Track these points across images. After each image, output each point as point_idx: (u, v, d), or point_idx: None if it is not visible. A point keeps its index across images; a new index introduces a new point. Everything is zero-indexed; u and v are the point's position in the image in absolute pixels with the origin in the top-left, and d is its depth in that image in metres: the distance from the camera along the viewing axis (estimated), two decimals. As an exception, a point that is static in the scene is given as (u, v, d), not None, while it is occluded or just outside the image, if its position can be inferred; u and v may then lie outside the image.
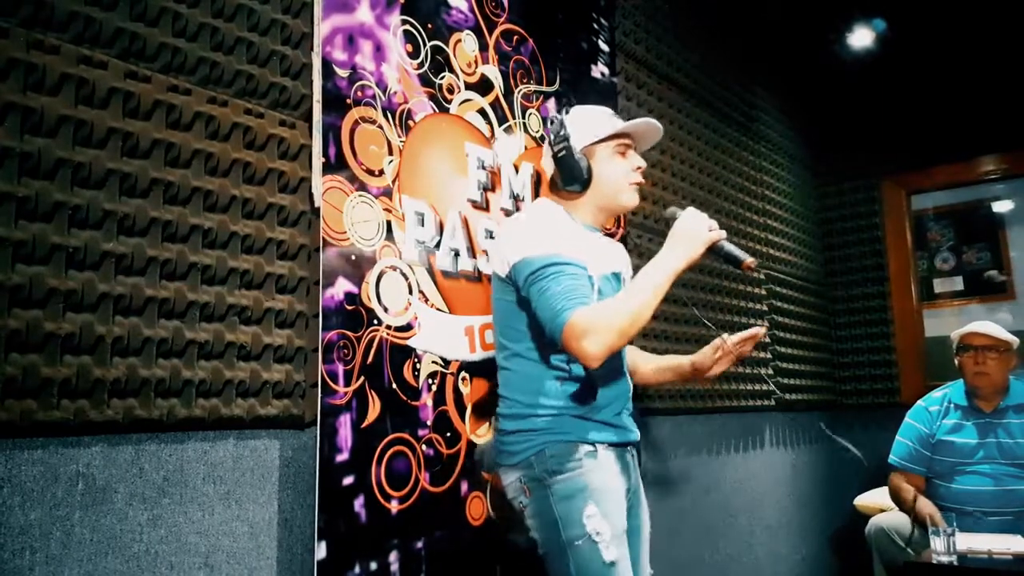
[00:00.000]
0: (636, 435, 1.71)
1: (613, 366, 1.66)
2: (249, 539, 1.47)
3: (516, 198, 2.12)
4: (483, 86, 2.07)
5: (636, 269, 1.87)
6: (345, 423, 1.58)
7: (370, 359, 1.65)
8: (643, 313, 1.49)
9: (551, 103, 2.30)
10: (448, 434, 1.82)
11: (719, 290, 3.09)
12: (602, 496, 1.55)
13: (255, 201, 1.51)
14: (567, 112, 1.72)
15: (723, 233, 1.59)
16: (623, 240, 2.46)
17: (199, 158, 1.43)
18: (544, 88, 2.28)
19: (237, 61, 1.51)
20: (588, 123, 1.70)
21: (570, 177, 1.68)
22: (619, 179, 1.70)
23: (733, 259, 1.60)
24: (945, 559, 2.20)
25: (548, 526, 1.56)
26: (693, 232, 1.56)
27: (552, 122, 1.72)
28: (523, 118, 2.19)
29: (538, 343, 1.62)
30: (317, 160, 1.61)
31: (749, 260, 1.59)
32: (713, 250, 1.58)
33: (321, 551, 1.51)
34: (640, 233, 2.63)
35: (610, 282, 1.70)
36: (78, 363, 1.23)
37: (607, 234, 1.87)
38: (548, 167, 1.74)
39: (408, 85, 1.85)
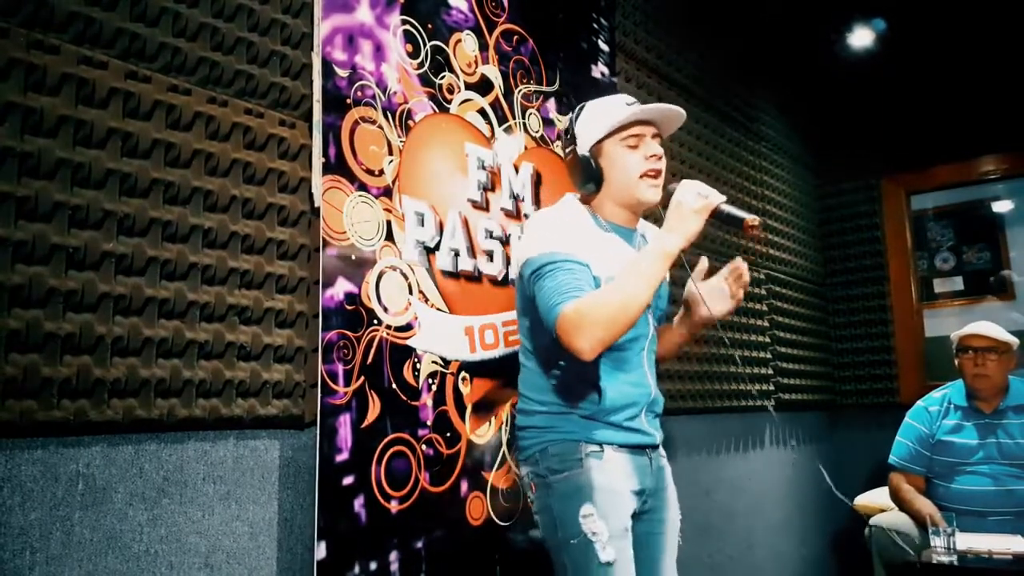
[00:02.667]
0: (655, 438, 1.67)
1: (628, 370, 1.64)
2: (249, 539, 1.47)
3: (516, 198, 2.12)
4: (483, 86, 2.07)
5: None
6: (345, 423, 1.58)
7: (370, 359, 1.65)
8: (631, 303, 1.44)
9: (551, 103, 2.30)
10: (448, 434, 1.82)
11: (719, 290, 3.08)
12: (602, 496, 1.53)
13: (255, 201, 1.51)
14: (580, 110, 1.67)
15: (721, 197, 1.53)
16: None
17: (199, 158, 1.43)
18: (544, 88, 2.28)
19: (237, 61, 1.51)
20: (595, 119, 1.64)
21: (581, 180, 1.65)
22: (628, 174, 1.61)
23: (735, 220, 1.52)
24: (945, 559, 2.20)
25: (548, 523, 1.59)
26: (685, 206, 1.50)
27: (567, 121, 1.69)
28: (523, 118, 2.19)
29: (543, 341, 1.61)
30: (317, 160, 1.61)
31: (750, 218, 1.51)
32: (715, 216, 1.52)
33: (321, 551, 1.51)
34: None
35: None
36: (78, 363, 1.23)
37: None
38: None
39: (408, 85, 1.85)
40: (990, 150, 3.90)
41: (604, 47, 2.57)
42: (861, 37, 3.83)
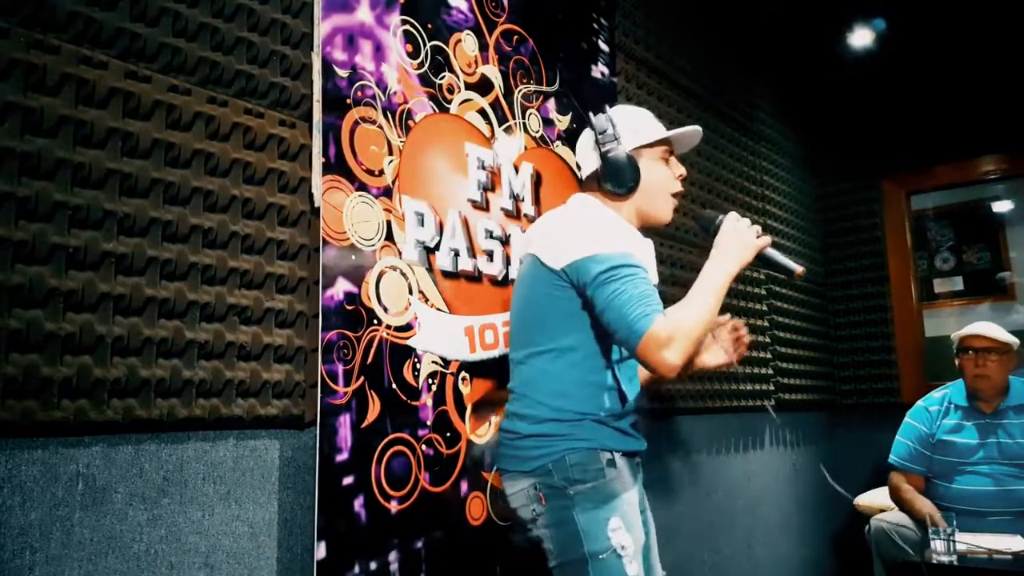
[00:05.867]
0: (644, 444, 1.66)
1: (633, 374, 1.65)
2: (249, 539, 1.47)
3: (516, 198, 2.12)
4: (483, 86, 2.07)
5: (662, 277, 1.88)
6: (345, 423, 1.59)
7: (370, 359, 1.66)
8: (712, 320, 1.48)
9: (551, 103, 2.30)
10: (448, 434, 1.82)
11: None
12: (626, 508, 1.50)
13: (255, 201, 1.51)
14: (611, 109, 1.68)
15: (769, 239, 1.61)
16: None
17: (199, 158, 1.43)
18: (544, 88, 2.28)
19: (237, 61, 1.51)
20: (637, 124, 1.65)
21: (618, 179, 1.62)
22: (662, 187, 1.66)
23: (782, 268, 1.63)
24: (945, 559, 2.20)
25: (568, 537, 1.47)
26: (744, 238, 1.57)
27: (599, 117, 1.66)
28: (523, 118, 2.19)
29: (586, 344, 1.56)
30: (317, 160, 1.61)
31: (800, 269, 1.61)
32: (760, 257, 1.60)
33: (321, 551, 1.51)
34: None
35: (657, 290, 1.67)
36: (78, 363, 1.23)
37: None
38: (590, 163, 1.69)
39: (408, 85, 1.85)
40: (990, 150, 3.90)
41: (604, 47, 2.57)
42: (861, 37, 3.83)
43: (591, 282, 1.47)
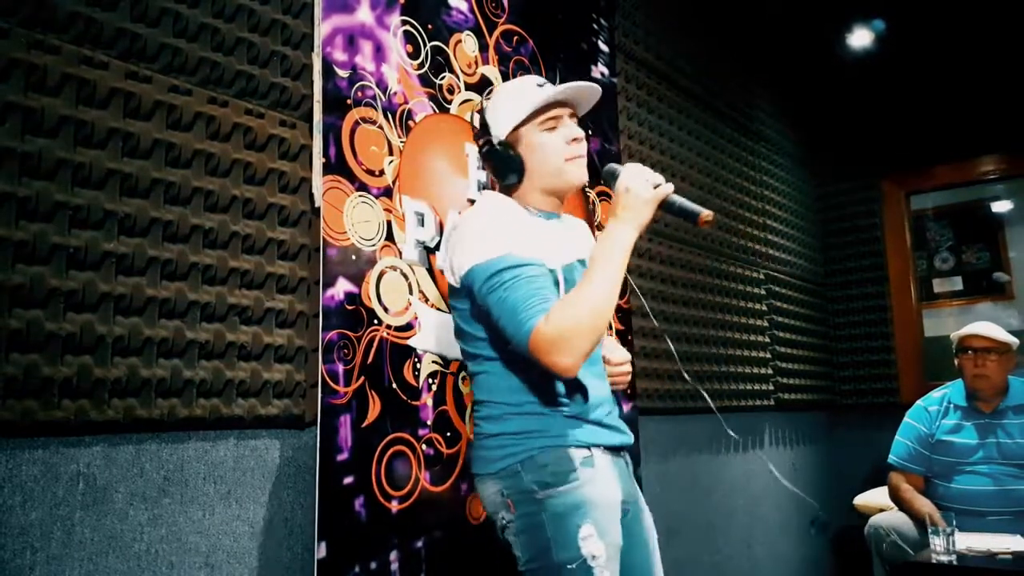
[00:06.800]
0: (631, 438, 1.54)
1: (594, 363, 1.52)
2: (249, 539, 1.47)
3: (516, 198, 2.12)
4: (483, 86, 2.07)
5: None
6: (345, 423, 1.59)
7: (370, 359, 1.66)
8: (605, 306, 1.34)
9: (551, 103, 2.30)
10: (448, 434, 1.82)
11: (718, 290, 3.09)
12: (600, 513, 1.39)
13: (255, 201, 1.51)
14: (487, 98, 1.56)
15: (670, 187, 1.42)
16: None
17: (199, 158, 1.43)
18: (544, 88, 2.28)
19: (237, 61, 1.51)
20: (506, 107, 1.52)
21: (499, 172, 1.53)
22: (552, 158, 1.50)
23: (687, 214, 1.43)
24: (945, 559, 2.20)
25: (537, 546, 1.38)
26: (636, 194, 1.40)
27: (472, 114, 1.55)
28: (523, 118, 2.19)
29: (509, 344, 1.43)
30: (317, 160, 1.61)
31: (705, 213, 1.41)
32: (664, 207, 1.42)
33: (321, 551, 1.51)
34: (650, 238, 2.63)
35: (576, 271, 1.50)
36: (78, 363, 1.23)
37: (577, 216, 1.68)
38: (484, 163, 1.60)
39: (408, 85, 1.85)
40: (990, 150, 3.90)
41: (604, 48, 2.57)
42: (861, 37, 3.83)
43: (479, 294, 1.40)
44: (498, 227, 1.43)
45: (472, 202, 1.98)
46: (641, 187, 1.40)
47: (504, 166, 1.52)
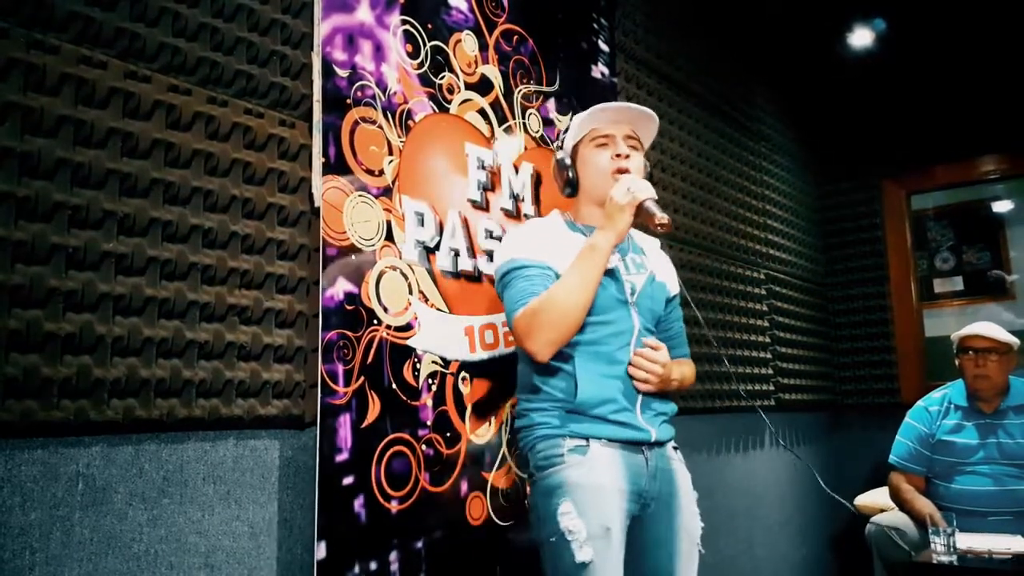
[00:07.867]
0: (650, 435, 1.62)
1: (608, 363, 1.63)
2: (249, 539, 1.47)
3: (516, 198, 2.12)
4: (483, 86, 2.07)
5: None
6: (345, 423, 1.58)
7: (370, 359, 1.65)
8: (569, 302, 1.53)
9: (551, 103, 2.30)
10: (448, 434, 1.82)
11: (719, 290, 3.09)
12: (583, 494, 1.51)
13: (255, 201, 1.51)
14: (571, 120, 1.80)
15: (645, 193, 1.59)
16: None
17: (199, 158, 1.43)
18: (544, 88, 2.28)
19: (237, 61, 1.51)
20: (573, 126, 1.76)
21: (560, 184, 1.79)
22: (598, 173, 1.71)
23: (651, 217, 1.58)
24: (945, 559, 2.20)
25: (533, 521, 1.61)
26: (615, 202, 1.58)
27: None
28: (523, 118, 2.19)
29: None
30: (317, 160, 1.61)
31: (659, 216, 1.55)
32: (640, 212, 1.59)
33: (321, 551, 1.51)
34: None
35: (649, 285, 1.72)
36: (78, 363, 1.23)
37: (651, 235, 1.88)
38: None
39: (408, 85, 1.85)
40: (990, 150, 3.90)
41: (604, 47, 2.57)
42: (861, 37, 3.83)
43: (497, 292, 1.69)
44: (521, 235, 1.69)
45: (472, 202, 1.98)
46: (620, 194, 1.58)
47: (561, 180, 1.78)
